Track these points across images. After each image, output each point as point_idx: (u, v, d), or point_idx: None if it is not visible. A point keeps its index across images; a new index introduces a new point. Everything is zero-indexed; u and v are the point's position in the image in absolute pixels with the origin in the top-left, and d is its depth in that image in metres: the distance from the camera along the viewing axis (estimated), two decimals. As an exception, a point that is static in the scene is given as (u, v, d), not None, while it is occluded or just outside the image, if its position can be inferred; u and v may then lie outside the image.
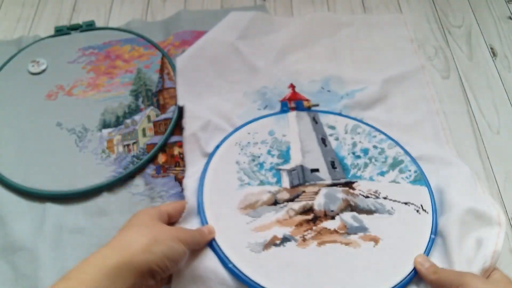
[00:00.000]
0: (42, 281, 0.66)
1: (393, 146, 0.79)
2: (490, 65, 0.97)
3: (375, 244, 0.65)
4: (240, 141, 0.79)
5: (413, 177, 0.74)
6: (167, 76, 0.90)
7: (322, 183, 0.73)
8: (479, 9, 1.08)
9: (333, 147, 0.79)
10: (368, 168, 0.75)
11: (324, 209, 0.69)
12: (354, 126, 0.82)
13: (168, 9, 1.06)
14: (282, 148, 0.78)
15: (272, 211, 0.69)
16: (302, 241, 0.65)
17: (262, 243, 0.65)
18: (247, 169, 0.75)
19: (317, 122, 0.82)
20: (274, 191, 0.72)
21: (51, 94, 0.87)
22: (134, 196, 0.76)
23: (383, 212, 0.69)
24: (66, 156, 0.79)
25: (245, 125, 0.82)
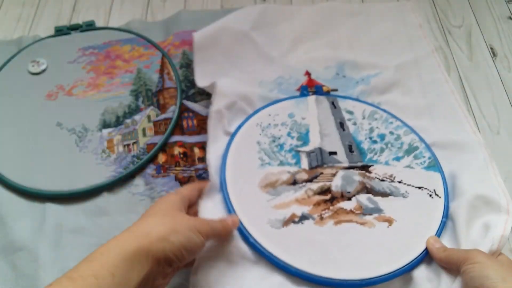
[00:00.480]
0: (42, 280, 0.66)
1: (408, 133, 0.81)
2: (490, 65, 0.97)
3: (389, 225, 0.68)
4: (261, 122, 0.81)
5: (427, 163, 0.76)
6: (167, 76, 0.90)
7: (339, 166, 0.76)
8: (479, 9, 1.08)
9: (351, 132, 0.81)
10: (384, 153, 0.78)
11: (341, 190, 0.72)
12: (372, 112, 0.84)
13: (168, 9, 1.06)
14: (302, 130, 0.81)
15: (291, 190, 0.72)
16: (319, 219, 0.68)
17: (281, 219, 0.68)
18: (268, 149, 0.77)
19: (336, 106, 0.85)
20: (293, 172, 0.74)
21: (51, 94, 0.87)
22: (134, 196, 0.76)
23: (397, 195, 0.72)
24: (66, 156, 0.79)
25: (266, 107, 0.84)
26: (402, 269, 0.63)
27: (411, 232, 0.67)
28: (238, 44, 0.93)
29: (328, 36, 0.99)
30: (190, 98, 0.89)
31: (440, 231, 0.68)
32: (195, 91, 0.89)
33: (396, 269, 0.63)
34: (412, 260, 0.64)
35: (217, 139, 0.78)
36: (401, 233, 0.67)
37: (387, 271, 0.63)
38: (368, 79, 0.90)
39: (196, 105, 0.87)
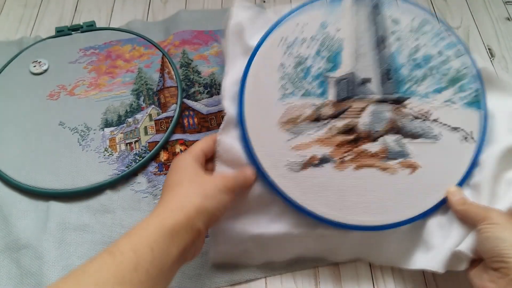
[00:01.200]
0: (46, 278, 0.66)
1: (461, 54, 0.70)
2: (488, 66, 0.97)
3: (412, 171, 0.65)
4: (286, 37, 0.69)
5: (471, 97, 0.68)
6: (168, 75, 0.91)
7: (371, 98, 0.67)
8: (477, 10, 1.08)
9: (392, 51, 0.70)
10: (425, 82, 0.68)
11: (369, 129, 0.66)
12: (423, 22, 0.72)
13: (169, 10, 1.07)
14: (334, 47, 0.69)
15: (314, 128, 0.66)
16: (340, 163, 0.65)
17: (300, 162, 0.64)
18: (292, 74, 0.67)
19: (379, 12, 0.71)
20: (318, 105, 0.66)
21: (53, 94, 0.88)
22: (137, 193, 0.77)
23: (429, 137, 0.66)
24: (69, 155, 0.80)
25: (293, 13, 0.71)
26: (416, 217, 0.63)
27: (434, 179, 0.65)
28: None
29: None
30: (191, 97, 0.89)
31: (464, 179, 0.65)
32: (195, 90, 0.90)
33: (410, 217, 0.63)
34: (428, 208, 0.63)
35: (235, 60, 0.70)
36: (423, 181, 0.64)
37: (401, 219, 0.63)
38: None
39: (196, 103, 0.88)
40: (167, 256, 0.48)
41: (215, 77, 0.92)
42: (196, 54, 0.96)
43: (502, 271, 0.53)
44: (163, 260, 0.48)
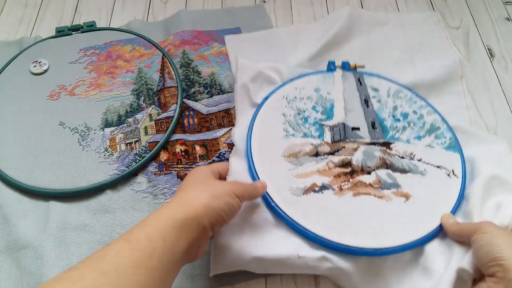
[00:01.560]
0: (46, 278, 0.66)
1: (432, 113, 0.83)
2: (488, 66, 0.98)
3: (406, 200, 0.71)
4: (287, 95, 0.83)
5: (447, 143, 0.78)
6: (168, 75, 0.91)
7: (361, 141, 0.78)
8: (477, 10, 1.08)
9: (375, 109, 0.83)
10: (406, 132, 0.80)
11: (361, 165, 0.74)
12: (397, 91, 0.86)
13: (169, 10, 1.07)
14: (326, 105, 0.83)
15: (313, 161, 0.75)
16: (339, 190, 0.71)
17: (302, 188, 0.71)
18: (293, 121, 0.79)
19: (362, 83, 0.87)
20: (316, 144, 0.77)
21: (53, 94, 0.88)
22: (137, 193, 0.77)
23: (416, 172, 0.74)
24: (69, 155, 0.80)
25: (293, 80, 0.86)
26: (416, 242, 0.66)
27: (426, 208, 0.70)
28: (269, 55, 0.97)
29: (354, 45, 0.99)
30: (191, 97, 0.89)
31: (455, 209, 0.70)
32: (195, 90, 0.90)
33: (410, 241, 0.66)
34: (426, 234, 0.67)
35: (244, 112, 0.82)
36: (417, 209, 0.70)
37: (401, 243, 0.66)
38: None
39: (196, 103, 0.88)
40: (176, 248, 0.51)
41: (215, 77, 0.92)
42: (196, 54, 0.96)
43: (498, 275, 0.54)
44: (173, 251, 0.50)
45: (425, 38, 1.01)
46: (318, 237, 0.66)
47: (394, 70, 0.93)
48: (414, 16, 1.05)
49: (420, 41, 1.00)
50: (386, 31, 1.02)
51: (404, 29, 1.02)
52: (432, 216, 0.69)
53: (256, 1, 1.09)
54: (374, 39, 1.00)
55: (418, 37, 1.01)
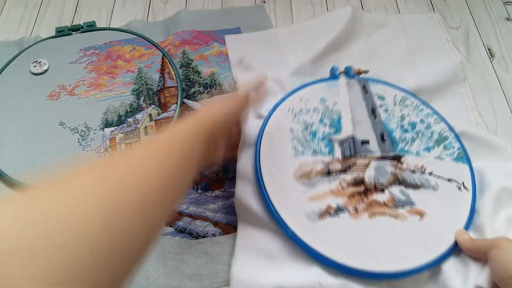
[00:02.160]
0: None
1: (439, 121, 0.82)
2: (488, 66, 0.98)
3: (421, 218, 0.70)
4: (293, 108, 0.81)
5: (456, 154, 0.78)
6: (168, 75, 0.91)
7: (372, 156, 0.77)
8: (477, 10, 1.08)
9: (382, 119, 0.82)
10: (415, 143, 0.79)
11: (374, 182, 0.74)
12: (403, 98, 0.85)
13: (169, 10, 1.07)
14: (334, 117, 0.81)
15: (326, 181, 0.73)
16: (354, 212, 0.70)
17: (317, 212, 0.70)
18: (301, 137, 0.78)
19: (367, 91, 0.85)
20: (327, 161, 0.75)
21: (53, 94, 0.88)
22: (137, 193, 0.77)
23: (428, 187, 0.74)
24: (69, 155, 0.80)
25: (297, 91, 0.84)
26: (433, 261, 0.66)
27: (441, 225, 0.70)
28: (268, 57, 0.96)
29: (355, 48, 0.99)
30: (191, 97, 0.89)
31: (468, 224, 0.70)
32: (195, 90, 0.90)
33: (427, 261, 0.66)
34: (442, 253, 0.67)
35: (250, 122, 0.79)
36: (432, 226, 0.69)
37: (420, 264, 0.65)
38: None
39: (196, 103, 0.88)
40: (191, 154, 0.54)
41: (215, 77, 0.92)
42: (196, 54, 0.96)
43: None
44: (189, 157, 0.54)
45: (426, 40, 1.00)
46: (338, 264, 0.65)
47: (395, 73, 0.93)
48: (414, 18, 1.05)
49: (420, 43, 0.99)
50: (386, 33, 1.02)
51: (405, 31, 1.02)
52: (447, 233, 0.69)
53: (256, 1, 1.09)
54: (375, 41, 1.00)
55: (418, 39, 1.00)
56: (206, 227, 0.73)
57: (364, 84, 0.86)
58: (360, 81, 0.87)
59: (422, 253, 0.66)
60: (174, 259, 0.70)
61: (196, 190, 0.77)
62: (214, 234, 0.73)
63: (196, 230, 0.73)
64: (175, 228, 0.73)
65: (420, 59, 0.97)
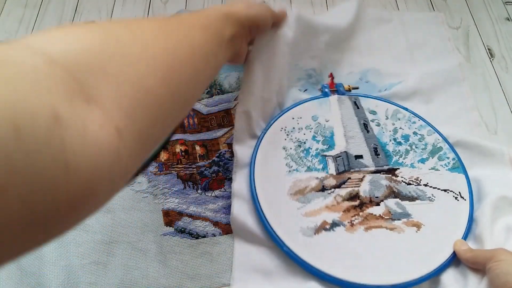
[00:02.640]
0: (46, 278, 0.66)
1: (432, 132, 0.82)
2: (488, 66, 0.98)
3: (418, 230, 0.70)
4: (285, 126, 0.81)
5: (451, 165, 0.78)
6: (168, 75, 0.91)
7: (366, 170, 0.77)
8: (477, 10, 1.08)
9: (375, 133, 0.82)
10: (409, 155, 0.79)
11: (369, 196, 0.74)
12: (394, 111, 0.85)
13: (169, 10, 1.07)
14: (326, 134, 0.81)
15: (321, 197, 0.73)
16: (350, 226, 0.70)
17: (313, 227, 0.70)
18: (294, 155, 0.78)
19: (359, 107, 0.86)
20: (321, 178, 0.75)
21: (53, 94, 0.88)
22: (137, 193, 0.77)
23: (424, 199, 0.74)
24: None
25: (289, 109, 0.84)
26: (431, 273, 0.66)
27: (438, 236, 0.69)
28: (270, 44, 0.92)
29: (355, 42, 0.98)
30: (191, 97, 0.89)
31: (466, 234, 0.70)
32: (195, 90, 0.90)
33: (426, 273, 0.66)
34: (440, 264, 0.66)
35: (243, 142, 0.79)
36: (429, 238, 0.69)
37: (417, 276, 0.65)
38: (391, 87, 0.91)
39: (196, 103, 0.88)
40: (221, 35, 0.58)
41: (215, 77, 0.92)
42: (196, 54, 0.95)
43: None
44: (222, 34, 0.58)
45: (427, 38, 1.00)
46: (335, 279, 0.65)
47: (395, 68, 0.94)
48: (418, 16, 1.05)
49: (421, 41, 1.00)
50: (388, 29, 1.02)
51: (407, 28, 1.02)
52: (445, 244, 0.69)
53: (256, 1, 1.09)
54: (376, 36, 1.00)
55: (420, 36, 1.00)
56: (206, 227, 0.73)
57: (355, 99, 0.87)
58: (351, 97, 0.87)
59: (420, 265, 0.66)
60: (174, 259, 0.70)
61: (196, 190, 0.77)
62: (214, 234, 0.73)
63: (196, 230, 0.73)
64: (175, 228, 0.73)
65: (421, 57, 0.97)
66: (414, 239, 0.69)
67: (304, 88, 0.89)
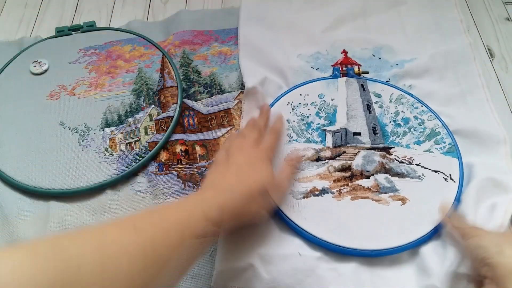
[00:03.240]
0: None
1: (432, 118, 0.83)
2: (488, 66, 0.97)
3: (402, 204, 0.72)
4: (292, 101, 0.86)
5: (446, 149, 0.79)
6: (168, 75, 0.91)
7: (362, 146, 0.80)
8: (477, 10, 1.08)
9: (377, 114, 0.84)
10: (406, 137, 0.81)
11: (361, 169, 0.77)
12: (399, 96, 0.87)
13: (169, 10, 1.07)
14: (330, 111, 0.85)
15: (314, 166, 0.77)
16: (338, 194, 0.74)
17: (303, 192, 0.74)
18: (296, 127, 0.82)
19: (365, 89, 0.88)
20: (318, 149, 0.79)
21: (53, 94, 0.88)
22: (137, 193, 0.77)
23: (414, 177, 0.76)
24: (69, 155, 0.80)
25: (298, 87, 0.88)
26: (410, 244, 0.68)
27: (422, 211, 0.71)
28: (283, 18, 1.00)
29: (370, 21, 1.01)
30: (191, 97, 0.89)
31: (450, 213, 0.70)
32: (195, 90, 0.90)
33: (405, 243, 0.68)
34: (421, 236, 0.68)
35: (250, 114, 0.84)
36: (413, 212, 0.71)
37: (396, 245, 0.68)
38: (403, 64, 0.92)
39: (196, 103, 0.88)
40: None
41: (215, 77, 0.92)
42: (196, 54, 0.96)
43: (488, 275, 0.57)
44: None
45: (440, 20, 1.01)
46: (317, 239, 0.69)
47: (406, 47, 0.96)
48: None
49: (434, 22, 1.01)
50: (402, 10, 1.03)
51: (420, 10, 1.03)
52: (428, 219, 0.70)
53: (256, 1, 1.09)
54: (390, 16, 1.02)
55: (433, 18, 1.02)
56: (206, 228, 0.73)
57: (362, 82, 0.89)
58: (359, 80, 0.89)
59: (400, 235, 0.69)
60: (174, 259, 0.70)
61: (196, 190, 0.77)
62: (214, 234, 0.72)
63: (196, 230, 0.73)
64: (175, 228, 0.73)
65: (434, 37, 0.98)
66: (398, 212, 0.71)
67: (316, 67, 0.93)
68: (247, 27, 0.98)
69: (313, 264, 0.67)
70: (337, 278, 0.67)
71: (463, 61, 0.93)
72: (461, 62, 0.93)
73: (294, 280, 0.66)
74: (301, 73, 0.91)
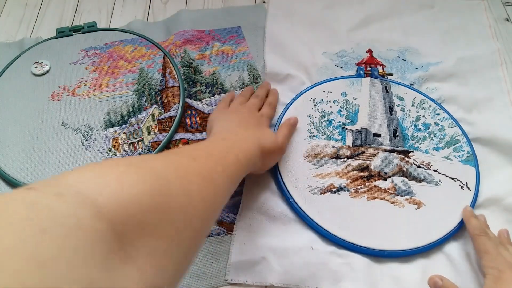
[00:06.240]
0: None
1: (453, 125, 0.84)
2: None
3: (418, 208, 0.73)
4: (314, 97, 0.87)
5: (465, 157, 0.80)
6: (170, 75, 0.91)
7: (381, 148, 0.81)
8: (477, 10, 1.09)
9: (398, 117, 0.85)
10: (426, 142, 0.82)
11: (379, 170, 0.78)
12: (422, 101, 0.87)
13: (169, 10, 1.07)
14: (351, 110, 0.86)
15: (333, 163, 0.78)
16: (354, 193, 0.75)
17: (320, 188, 0.75)
18: (317, 123, 0.83)
19: (388, 91, 0.89)
20: (337, 147, 0.80)
21: (55, 95, 0.88)
22: (140, 193, 0.77)
23: (430, 182, 0.76)
24: (72, 155, 0.80)
25: (322, 83, 0.90)
26: (422, 247, 0.69)
27: (436, 217, 0.72)
28: (310, 15, 1.02)
29: (397, 22, 1.02)
30: (193, 96, 0.89)
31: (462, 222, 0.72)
32: (197, 89, 0.90)
33: (417, 246, 0.69)
34: (433, 241, 0.70)
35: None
36: (427, 217, 0.72)
37: (407, 247, 0.69)
38: (428, 67, 0.93)
39: (198, 103, 0.88)
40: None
41: (217, 77, 0.92)
42: (198, 54, 0.96)
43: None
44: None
45: (468, 24, 1.02)
46: (330, 234, 0.70)
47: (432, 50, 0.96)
48: (460, 3, 1.07)
49: (462, 27, 1.01)
50: (430, 13, 1.04)
51: (448, 14, 1.04)
52: (441, 224, 0.71)
53: (256, 0, 1.09)
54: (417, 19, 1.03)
55: (461, 22, 1.02)
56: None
57: (386, 84, 0.90)
58: (383, 81, 0.90)
59: (413, 238, 0.70)
60: (179, 258, 0.70)
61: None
62: (218, 233, 0.73)
63: (201, 229, 0.73)
64: (179, 227, 0.73)
65: (461, 41, 0.98)
66: (412, 215, 0.72)
67: (340, 65, 0.94)
68: (275, 23, 1.00)
69: (325, 258, 0.68)
70: (350, 272, 0.67)
71: (489, 66, 0.93)
72: (488, 67, 0.93)
73: (306, 273, 0.67)
74: (325, 71, 0.92)
